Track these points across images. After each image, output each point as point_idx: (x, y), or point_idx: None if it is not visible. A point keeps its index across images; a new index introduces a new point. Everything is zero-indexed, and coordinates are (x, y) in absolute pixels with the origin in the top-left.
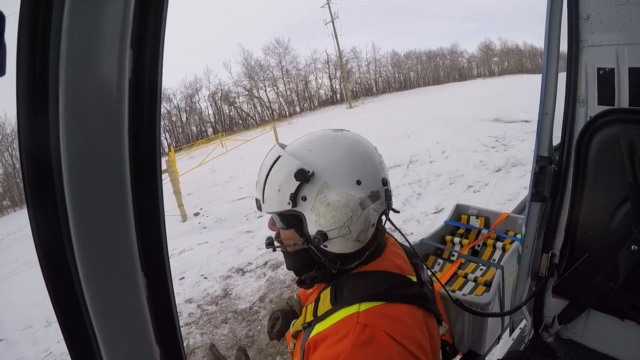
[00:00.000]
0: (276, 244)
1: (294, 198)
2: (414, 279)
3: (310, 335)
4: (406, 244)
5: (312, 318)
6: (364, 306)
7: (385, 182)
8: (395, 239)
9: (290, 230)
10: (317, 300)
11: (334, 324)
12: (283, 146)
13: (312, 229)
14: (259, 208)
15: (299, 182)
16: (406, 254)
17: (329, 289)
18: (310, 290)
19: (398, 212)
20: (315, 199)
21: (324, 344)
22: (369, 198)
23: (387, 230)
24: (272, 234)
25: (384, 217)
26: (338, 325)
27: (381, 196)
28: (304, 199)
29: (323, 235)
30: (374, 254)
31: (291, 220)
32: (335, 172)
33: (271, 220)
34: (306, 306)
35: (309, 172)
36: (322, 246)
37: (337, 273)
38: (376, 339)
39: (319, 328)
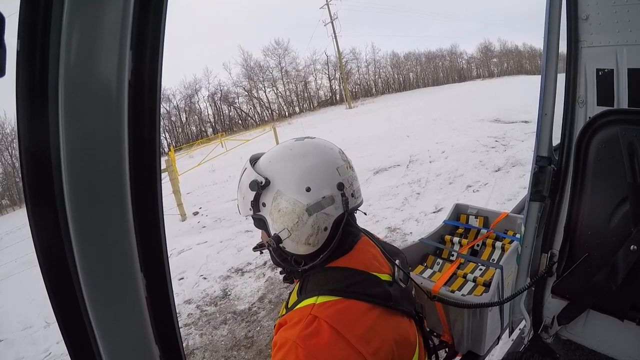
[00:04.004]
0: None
1: (254, 205)
2: (384, 277)
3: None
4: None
5: (285, 311)
6: (321, 299)
7: (341, 187)
8: (372, 237)
9: (262, 231)
10: (290, 293)
11: (293, 311)
12: (256, 157)
13: (271, 232)
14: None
15: (254, 192)
16: (386, 252)
17: (299, 282)
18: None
19: (365, 213)
20: (271, 205)
21: (282, 328)
22: (318, 204)
23: (388, 229)
24: None
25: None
26: (295, 312)
27: (336, 201)
28: (264, 205)
29: (277, 238)
30: (341, 251)
31: (260, 222)
32: (286, 180)
33: None
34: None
35: (261, 182)
36: (280, 247)
37: (303, 270)
38: (322, 332)
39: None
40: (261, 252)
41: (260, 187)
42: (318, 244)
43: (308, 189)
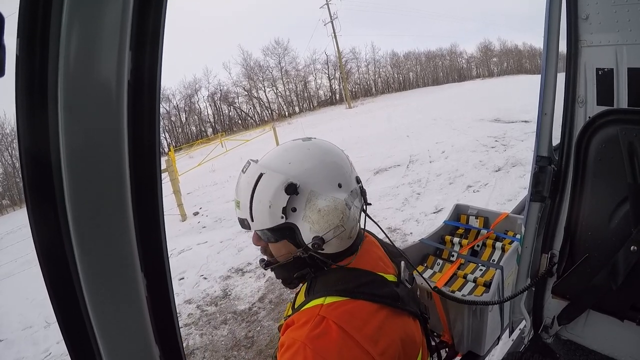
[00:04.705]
0: (267, 257)
1: (285, 211)
2: (390, 277)
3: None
4: (387, 239)
5: (291, 312)
6: (329, 299)
7: (358, 180)
8: (376, 238)
9: (281, 242)
10: (296, 294)
11: (301, 311)
12: (256, 162)
13: (307, 236)
14: (246, 227)
15: (289, 196)
16: (390, 252)
17: (306, 283)
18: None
19: (370, 204)
20: (305, 208)
21: (290, 328)
22: (350, 197)
23: (388, 230)
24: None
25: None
26: (303, 312)
27: (358, 193)
28: (294, 210)
29: (320, 240)
30: (349, 251)
31: (283, 232)
32: (318, 180)
33: (256, 236)
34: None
35: (297, 184)
36: (317, 251)
37: (318, 269)
38: (330, 332)
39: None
40: (272, 270)
41: (296, 190)
42: (355, 235)
43: (340, 185)
